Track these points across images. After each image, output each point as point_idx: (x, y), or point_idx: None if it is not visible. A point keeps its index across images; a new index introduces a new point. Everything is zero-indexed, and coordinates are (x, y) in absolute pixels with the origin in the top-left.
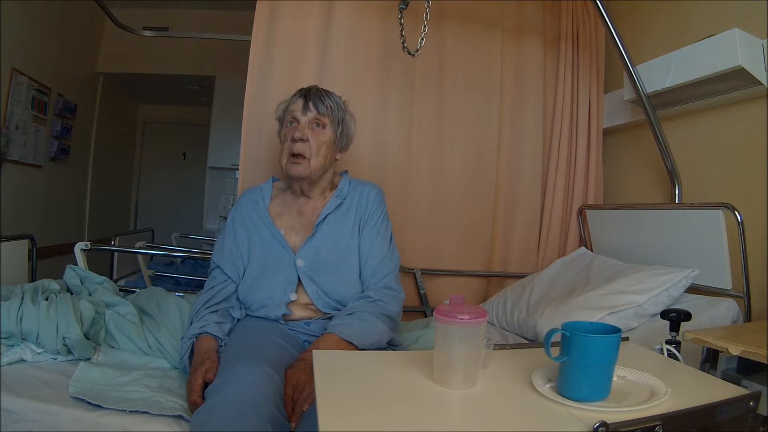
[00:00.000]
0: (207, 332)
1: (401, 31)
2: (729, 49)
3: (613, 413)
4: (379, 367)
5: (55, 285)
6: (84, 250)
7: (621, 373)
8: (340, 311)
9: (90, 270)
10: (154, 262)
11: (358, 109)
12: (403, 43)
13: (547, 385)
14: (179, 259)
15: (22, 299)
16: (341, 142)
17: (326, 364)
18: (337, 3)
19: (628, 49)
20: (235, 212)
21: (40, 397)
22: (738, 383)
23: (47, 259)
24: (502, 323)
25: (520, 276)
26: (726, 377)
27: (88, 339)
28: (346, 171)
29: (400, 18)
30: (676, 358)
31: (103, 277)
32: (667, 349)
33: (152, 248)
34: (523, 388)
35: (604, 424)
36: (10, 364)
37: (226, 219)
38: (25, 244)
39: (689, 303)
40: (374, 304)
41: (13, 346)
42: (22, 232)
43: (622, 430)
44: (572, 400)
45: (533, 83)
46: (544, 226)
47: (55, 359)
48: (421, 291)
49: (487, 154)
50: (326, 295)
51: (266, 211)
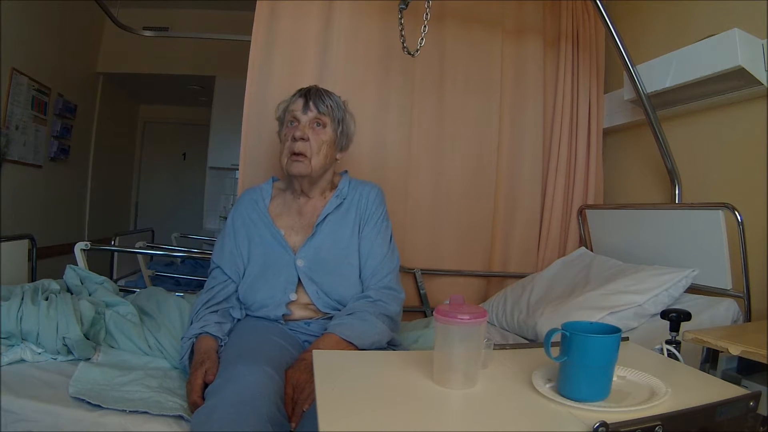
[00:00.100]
0: (207, 332)
1: (401, 31)
2: (729, 49)
3: (613, 413)
4: (379, 367)
5: (55, 285)
6: (84, 250)
7: (621, 373)
8: (340, 311)
9: (90, 270)
10: (154, 262)
11: (358, 109)
12: (403, 43)
13: (547, 385)
14: (179, 259)
15: (22, 299)
16: (341, 141)
17: (326, 364)
18: (337, 3)
19: (628, 49)
20: (235, 212)
21: (40, 397)
22: (738, 383)
23: (47, 259)
24: (502, 323)
25: (520, 276)
26: (726, 377)
27: (88, 339)
28: (346, 171)
29: (400, 18)
30: (676, 358)
31: (103, 277)
32: (667, 349)
33: (152, 248)
34: (523, 388)
35: (604, 424)
36: (10, 364)
37: (226, 219)
38: (25, 244)
39: (689, 303)
40: (374, 304)
41: (13, 346)
42: (22, 232)
43: (622, 430)
44: (572, 400)
45: (533, 83)
46: (544, 226)
47: (55, 359)
48: (421, 291)
49: (487, 154)
50: (326, 295)
51: (266, 211)
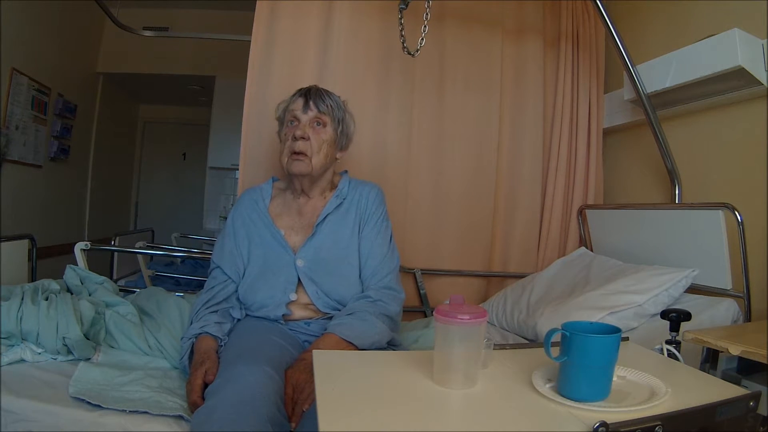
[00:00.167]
0: (207, 332)
1: (401, 31)
2: (729, 49)
3: (613, 413)
4: (379, 367)
5: (55, 285)
6: (84, 250)
7: (621, 373)
8: (340, 311)
9: (90, 270)
10: (154, 262)
11: (358, 109)
12: (403, 43)
13: (547, 385)
14: (179, 259)
15: (22, 299)
16: (341, 141)
17: (326, 364)
18: (337, 3)
19: (628, 49)
20: (235, 212)
21: (40, 397)
22: (738, 383)
23: (47, 259)
24: (502, 323)
25: (520, 276)
26: (726, 377)
27: (88, 339)
28: (346, 171)
29: (400, 18)
30: (676, 358)
31: (103, 277)
32: (667, 349)
33: (152, 248)
34: (523, 388)
35: (604, 424)
36: (10, 364)
37: (226, 219)
38: (25, 244)
39: (689, 303)
40: (374, 304)
41: (13, 346)
42: (22, 232)
43: (622, 430)
44: (572, 400)
45: (533, 83)
46: (544, 226)
47: (55, 359)
48: (421, 291)
49: (487, 154)
50: (326, 295)
51: (266, 211)
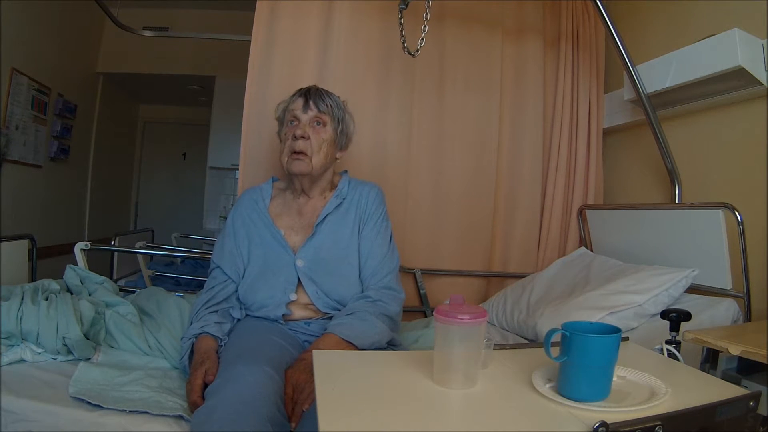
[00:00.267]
0: (207, 332)
1: (401, 31)
2: (729, 49)
3: (613, 413)
4: (379, 367)
5: (55, 285)
6: (84, 250)
7: (621, 373)
8: (340, 311)
9: (90, 270)
10: (154, 262)
11: (358, 109)
12: (403, 43)
13: (547, 385)
14: (179, 259)
15: (22, 299)
16: (341, 140)
17: (326, 364)
18: (337, 3)
19: (628, 49)
20: (235, 212)
21: (40, 397)
22: (738, 383)
23: (47, 259)
24: (502, 323)
25: (520, 276)
26: (726, 377)
27: (88, 339)
28: (345, 171)
29: (400, 18)
30: (676, 358)
31: (103, 277)
32: (667, 349)
33: (152, 248)
34: (523, 388)
35: (604, 424)
36: (10, 364)
37: (226, 219)
38: (25, 244)
39: (689, 303)
40: (374, 304)
41: (13, 346)
42: (22, 232)
43: (622, 430)
44: (572, 400)
45: (533, 83)
46: (544, 226)
47: (55, 359)
48: (421, 291)
49: (487, 154)
50: (326, 295)
51: (266, 211)
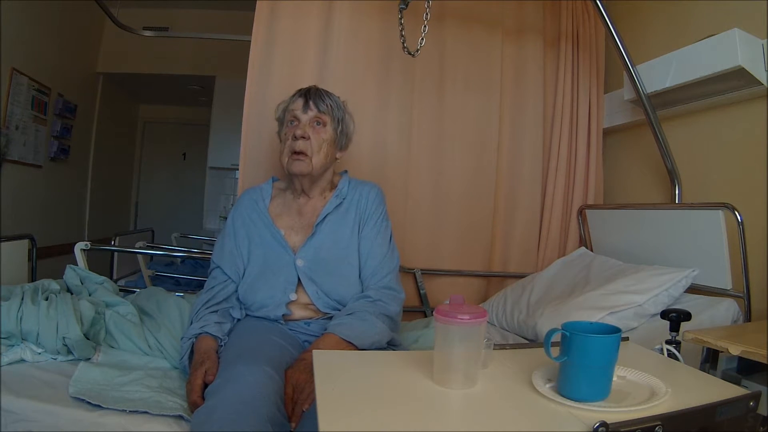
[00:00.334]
0: (207, 332)
1: (401, 31)
2: (729, 49)
3: (613, 413)
4: (379, 367)
5: (55, 285)
6: (84, 250)
7: (621, 373)
8: (340, 311)
9: (90, 270)
10: (154, 262)
11: (358, 109)
12: (403, 43)
13: (547, 385)
14: (179, 259)
15: (22, 299)
16: (341, 140)
17: (326, 364)
18: (337, 3)
19: (628, 49)
20: (235, 212)
21: (40, 397)
22: (738, 383)
23: (47, 259)
24: (502, 323)
25: (520, 276)
26: (726, 377)
27: (88, 339)
28: (345, 171)
29: (400, 18)
30: (676, 358)
31: (103, 277)
32: (667, 349)
33: (152, 248)
34: (523, 388)
35: (604, 424)
36: (10, 364)
37: (226, 219)
38: (25, 244)
39: (689, 303)
40: (374, 304)
41: (13, 346)
42: (22, 232)
43: (622, 430)
44: (572, 400)
45: (533, 83)
46: (544, 226)
47: (55, 359)
48: (421, 291)
49: (487, 154)
50: (326, 295)
51: (266, 211)
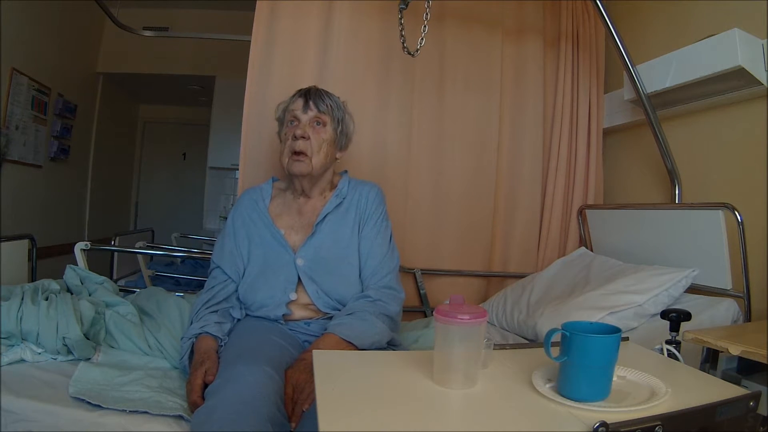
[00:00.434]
0: (207, 332)
1: (401, 31)
2: (729, 49)
3: (613, 413)
4: (379, 367)
5: (55, 285)
6: (84, 250)
7: (621, 373)
8: (340, 311)
9: (90, 270)
10: (154, 262)
11: (358, 109)
12: (403, 43)
13: (547, 385)
14: (179, 259)
15: (22, 299)
16: (341, 140)
17: (326, 364)
18: (337, 3)
19: (628, 49)
20: (235, 212)
21: (40, 397)
22: (738, 383)
23: (47, 259)
24: (502, 323)
25: (520, 276)
26: (726, 377)
27: (88, 339)
28: (345, 171)
29: (400, 18)
30: (676, 358)
31: (103, 277)
32: (667, 349)
33: (152, 248)
34: (523, 388)
35: (604, 424)
36: (10, 364)
37: (226, 219)
38: (25, 244)
39: (689, 303)
40: (374, 303)
41: (13, 346)
42: (22, 232)
43: (622, 430)
44: (572, 400)
45: (533, 83)
46: (544, 226)
47: (55, 359)
48: (421, 291)
49: (487, 154)
50: (326, 295)
51: (266, 211)
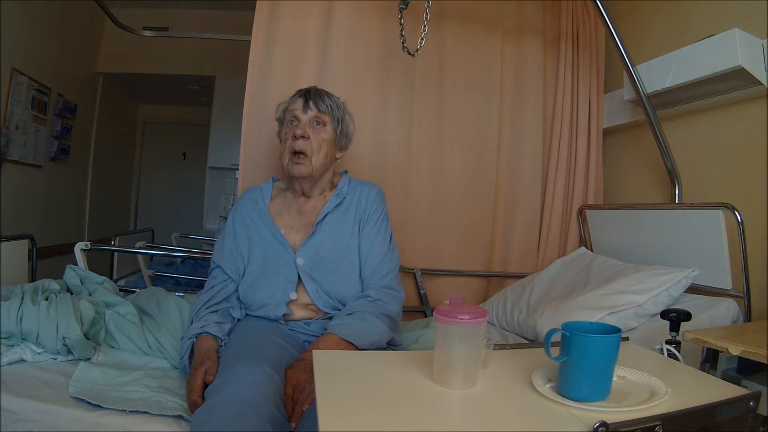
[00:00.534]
0: (207, 332)
1: (401, 31)
2: (729, 49)
3: (613, 413)
4: (379, 367)
5: (55, 285)
6: (84, 250)
7: (621, 373)
8: (340, 311)
9: (90, 270)
10: (154, 262)
11: (358, 109)
12: (403, 43)
13: (547, 385)
14: (179, 259)
15: (22, 299)
16: (341, 141)
17: (326, 364)
18: (337, 3)
19: (628, 49)
20: (235, 212)
21: (40, 397)
22: (738, 383)
23: (47, 259)
24: (502, 323)
25: (520, 276)
26: (726, 377)
27: (88, 339)
28: (346, 171)
29: (400, 18)
30: (676, 358)
31: (103, 277)
32: (667, 349)
33: (152, 248)
34: (523, 388)
35: (604, 424)
36: (10, 364)
37: (226, 219)
38: (25, 244)
39: (689, 303)
40: (374, 303)
41: (13, 346)
42: (22, 232)
43: (622, 430)
44: (572, 400)
45: (533, 83)
46: (544, 226)
47: (55, 359)
48: (421, 291)
49: (487, 154)
50: (326, 294)
51: (266, 210)
